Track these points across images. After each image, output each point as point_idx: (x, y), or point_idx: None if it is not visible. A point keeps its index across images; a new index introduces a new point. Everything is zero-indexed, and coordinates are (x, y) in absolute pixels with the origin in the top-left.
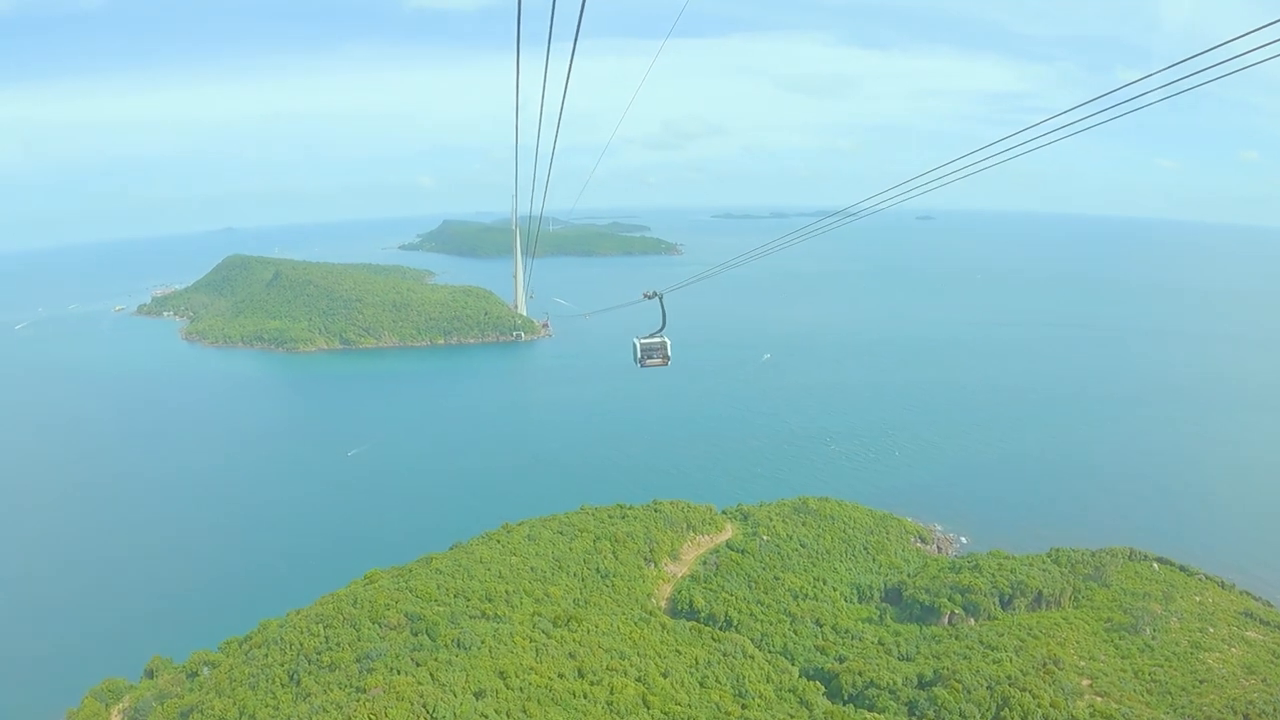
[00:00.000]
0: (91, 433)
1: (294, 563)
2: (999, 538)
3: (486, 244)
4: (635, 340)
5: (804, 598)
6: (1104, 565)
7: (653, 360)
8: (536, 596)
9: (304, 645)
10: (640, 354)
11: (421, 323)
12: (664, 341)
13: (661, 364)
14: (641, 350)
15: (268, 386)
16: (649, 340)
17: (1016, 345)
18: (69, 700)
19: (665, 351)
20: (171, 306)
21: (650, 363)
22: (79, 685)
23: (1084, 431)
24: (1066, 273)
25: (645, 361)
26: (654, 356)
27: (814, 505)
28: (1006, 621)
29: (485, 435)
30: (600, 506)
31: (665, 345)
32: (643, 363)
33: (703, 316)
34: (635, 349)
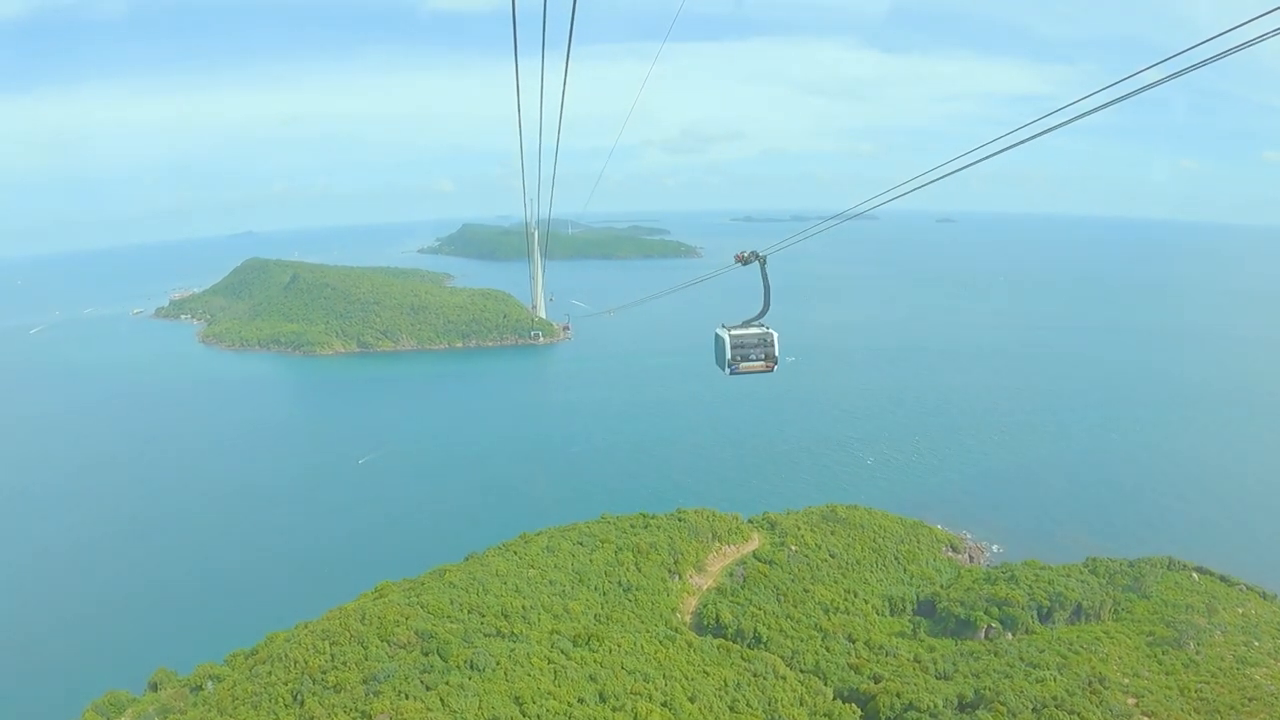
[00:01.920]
0: (101, 437)
1: (303, 573)
2: (1031, 546)
3: (506, 247)
4: (722, 331)
5: (835, 611)
6: (1143, 576)
7: (751, 363)
8: (555, 613)
9: (309, 663)
10: (730, 353)
11: (439, 326)
12: (767, 334)
13: (764, 368)
14: (732, 347)
15: (282, 390)
16: (744, 331)
17: (1042, 349)
18: (70, 713)
19: (770, 349)
20: (189, 309)
21: (747, 366)
22: (81, 697)
23: (1114, 436)
24: (1091, 275)
25: (739, 365)
26: (752, 357)
27: (843, 513)
28: (1046, 636)
29: (502, 440)
30: (622, 516)
31: (770, 340)
32: (734, 366)
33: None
34: (722, 345)
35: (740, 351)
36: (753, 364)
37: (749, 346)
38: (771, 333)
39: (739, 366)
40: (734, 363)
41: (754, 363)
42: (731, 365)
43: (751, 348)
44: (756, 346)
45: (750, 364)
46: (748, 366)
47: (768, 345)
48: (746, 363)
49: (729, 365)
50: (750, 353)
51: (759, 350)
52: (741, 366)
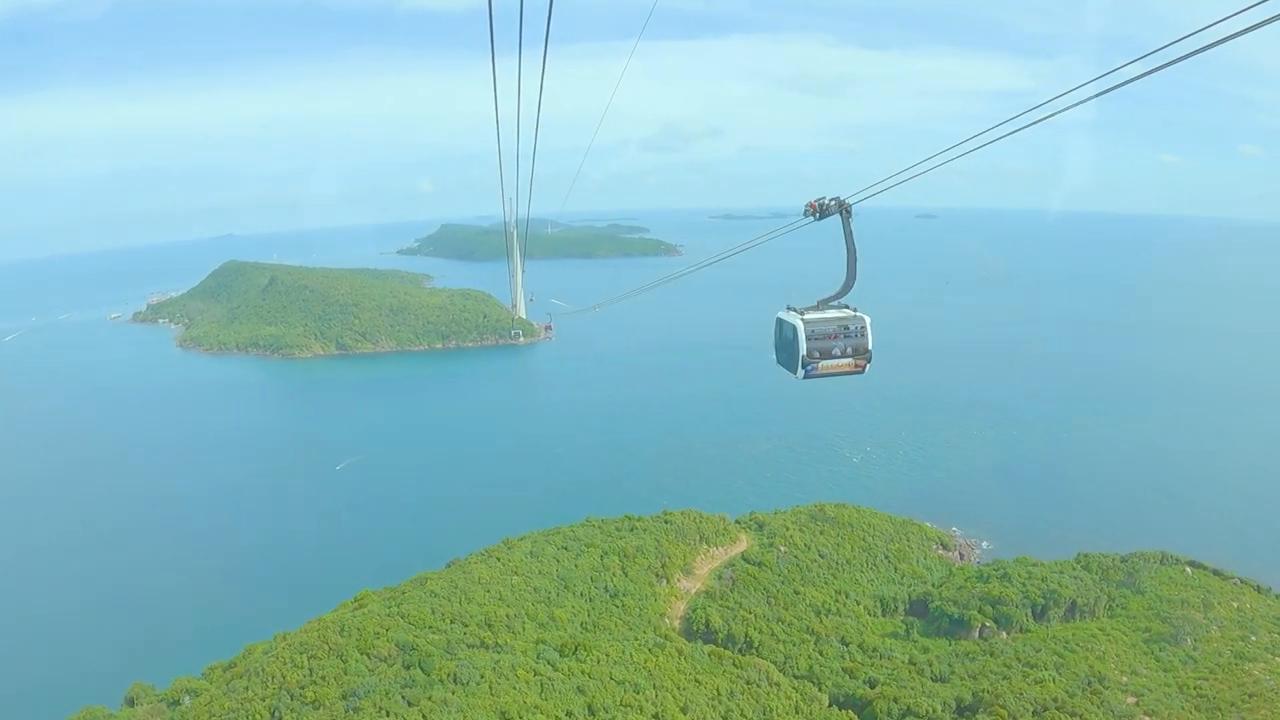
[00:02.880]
0: (75, 444)
1: (281, 582)
2: (1021, 542)
3: (485, 247)
4: (790, 316)
5: (827, 613)
6: (1136, 571)
7: (835, 361)
8: (540, 621)
9: (286, 678)
10: (805, 347)
11: (419, 327)
12: (856, 318)
13: (851, 368)
14: (809, 339)
15: (260, 394)
16: (822, 316)
17: (1024, 344)
18: None
19: (861, 340)
20: (167, 313)
21: (830, 367)
22: (57, 712)
23: (1101, 431)
24: (1071, 269)
25: (818, 364)
26: (835, 352)
27: (831, 512)
28: (1041, 634)
29: (484, 442)
30: (607, 518)
31: (861, 327)
32: (811, 366)
33: (707, 318)
34: (791, 337)
35: (818, 345)
36: (837, 362)
37: (830, 337)
38: (863, 317)
39: (818, 366)
40: (810, 361)
41: (838, 360)
42: (807, 365)
43: (834, 339)
44: (841, 336)
45: (834, 362)
46: (831, 367)
47: (857, 335)
48: (829, 360)
49: (803, 365)
50: (832, 346)
51: (845, 342)
52: (822, 367)
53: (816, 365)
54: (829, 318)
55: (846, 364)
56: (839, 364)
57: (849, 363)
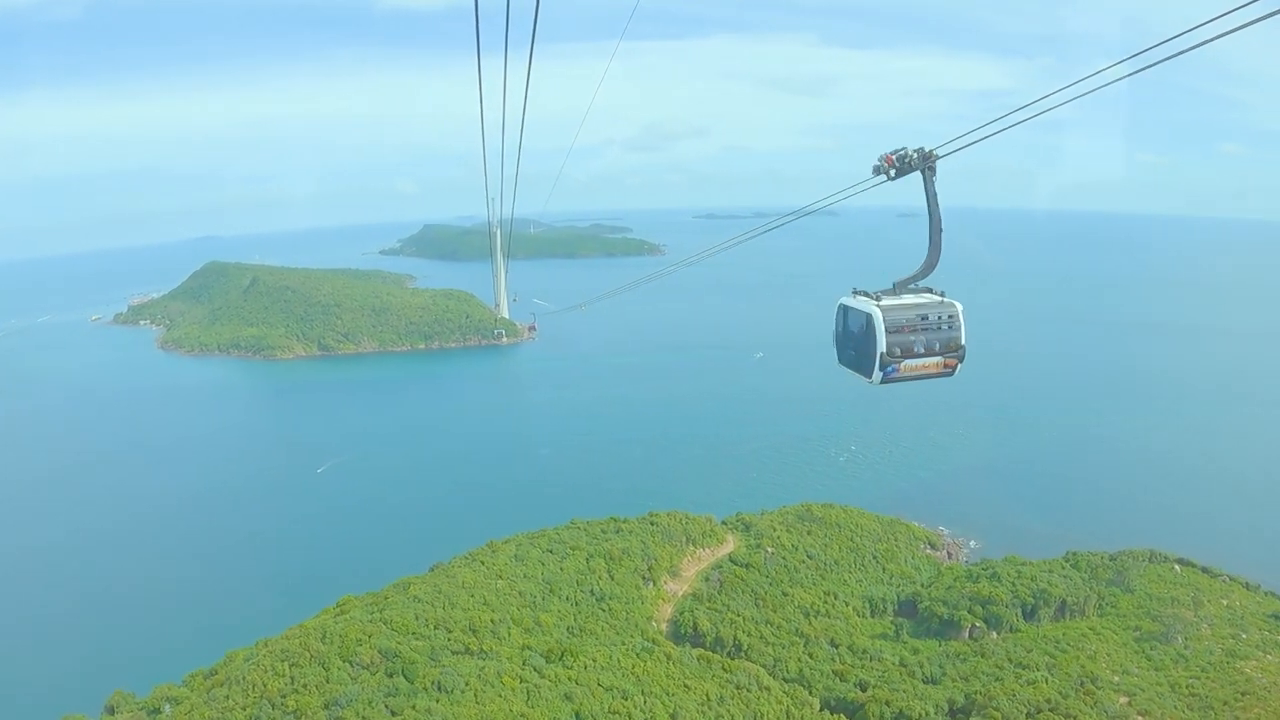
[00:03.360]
0: (51, 447)
1: (262, 587)
2: (1009, 541)
3: (468, 247)
4: (864, 304)
5: (816, 615)
6: (1126, 569)
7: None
8: (526, 626)
9: (268, 686)
10: (885, 342)
11: (401, 327)
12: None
13: (938, 369)
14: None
15: (241, 396)
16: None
17: (1006, 342)
18: None
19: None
20: (148, 315)
21: (913, 368)
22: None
23: (1086, 429)
24: (1051, 268)
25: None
26: (918, 348)
27: (818, 512)
28: (1031, 634)
29: (467, 444)
30: (592, 520)
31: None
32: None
33: (689, 317)
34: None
35: (900, 339)
36: (923, 361)
37: (914, 330)
38: (952, 303)
39: (899, 368)
40: (891, 361)
41: (924, 359)
42: (887, 366)
43: (918, 331)
44: (927, 330)
45: (919, 361)
46: (915, 368)
47: (946, 326)
48: (913, 359)
49: (880, 366)
50: (916, 340)
51: (931, 335)
52: (904, 368)
53: (898, 366)
54: (911, 304)
55: (934, 364)
56: (925, 364)
57: (936, 362)
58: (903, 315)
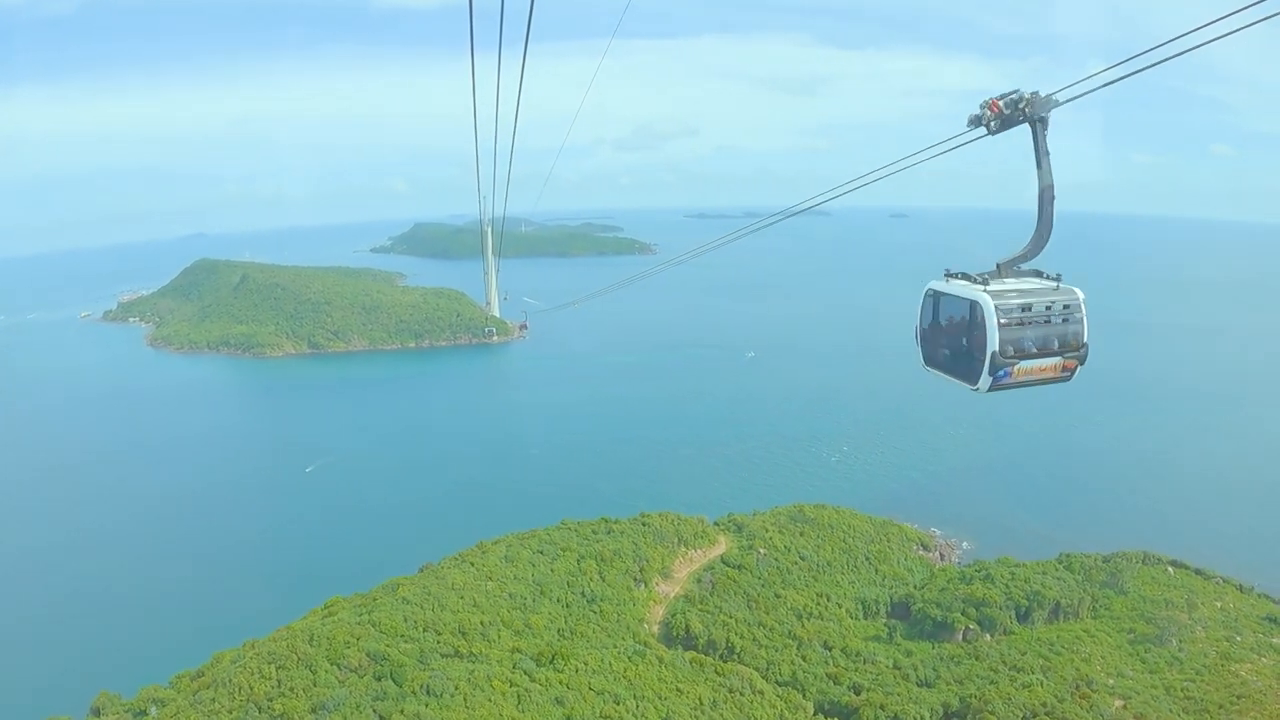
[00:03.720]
0: (38, 445)
1: (250, 587)
2: (1001, 542)
3: (459, 246)
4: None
5: (809, 617)
6: (1119, 571)
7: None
8: (516, 628)
9: (254, 689)
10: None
11: (392, 325)
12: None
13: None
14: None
15: (229, 394)
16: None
17: None
18: None
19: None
20: (137, 312)
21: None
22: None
23: (1077, 430)
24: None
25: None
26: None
27: (811, 513)
28: (1025, 636)
29: (457, 443)
30: (583, 521)
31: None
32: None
33: (681, 316)
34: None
35: (1015, 336)
36: (1040, 364)
37: (1030, 324)
38: (1071, 290)
39: (1012, 371)
40: (1004, 363)
41: (1041, 360)
42: (999, 370)
43: (1035, 326)
44: (1046, 323)
45: (1036, 364)
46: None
47: (1066, 320)
48: (1028, 361)
49: (990, 369)
50: (1031, 338)
51: (1050, 331)
52: (1018, 371)
53: (1011, 370)
54: (1025, 290)
55: (1051, 366)
56: (1042, 366)
57: (1055, 364)
58: (1017, 305)
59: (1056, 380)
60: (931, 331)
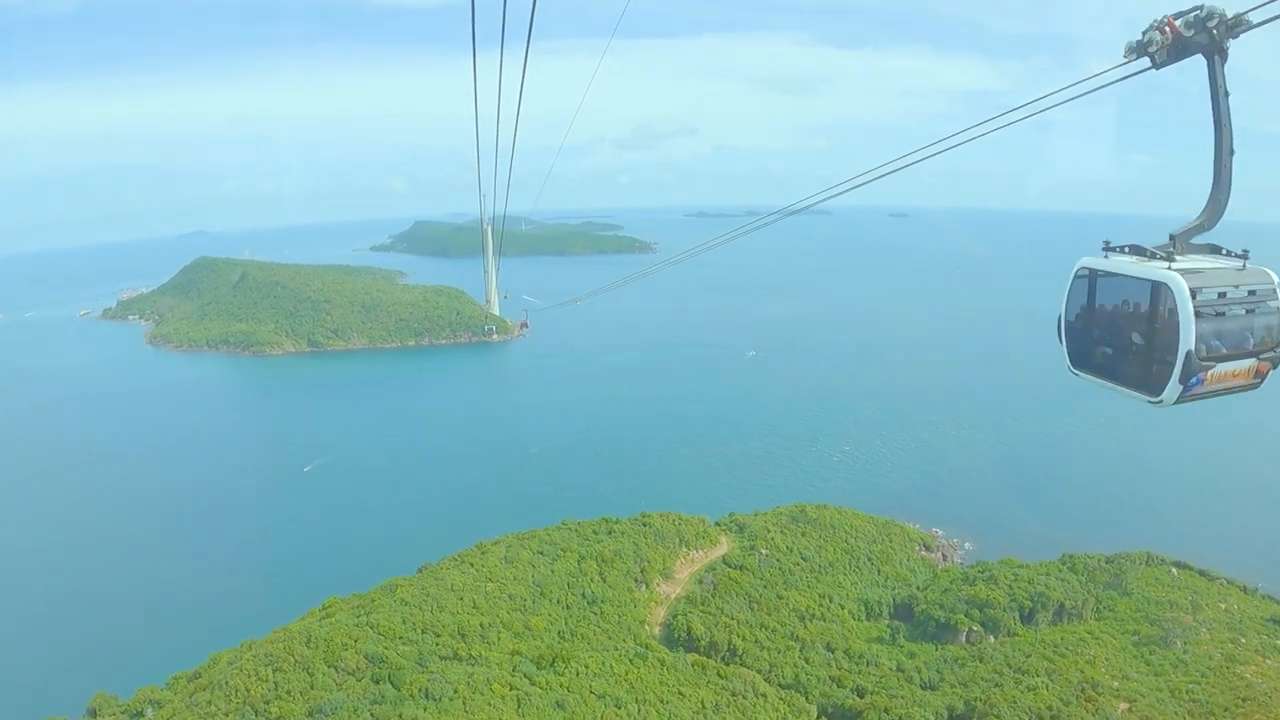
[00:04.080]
0: (33, 443)
1: (248, 588)
2: (1004, 542)
3: (459, 244)
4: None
5: (811, 618)
6: (1123, 572)
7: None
8: (516, 630)
9: (250, 692)
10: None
11: (391, 324)
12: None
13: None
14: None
15: (228, 392)
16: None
17: (999, 343)
18: None
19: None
20: (137, 310)
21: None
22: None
23: (1080, 429)
24: (1047, 266)
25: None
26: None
27: (812, 513)
28: (1029, 638)
29: (456, 442)
30: (584, 521)
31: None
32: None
33: (681, 315)
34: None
35: (1215, 332)
36: (1234, 367)
37: (1226, 315)
38: (1266, 273)
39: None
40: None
41: (1236, 363)
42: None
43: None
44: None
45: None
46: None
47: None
48: (1226, 364)
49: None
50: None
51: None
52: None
53: (1205, 375)
54: (1219, 269)
55: (1245, 370)
56: (1236, 371)
57: (1249, 367)
58: (1215, 289)
59: (1246, 388)
60: (1085, 323)
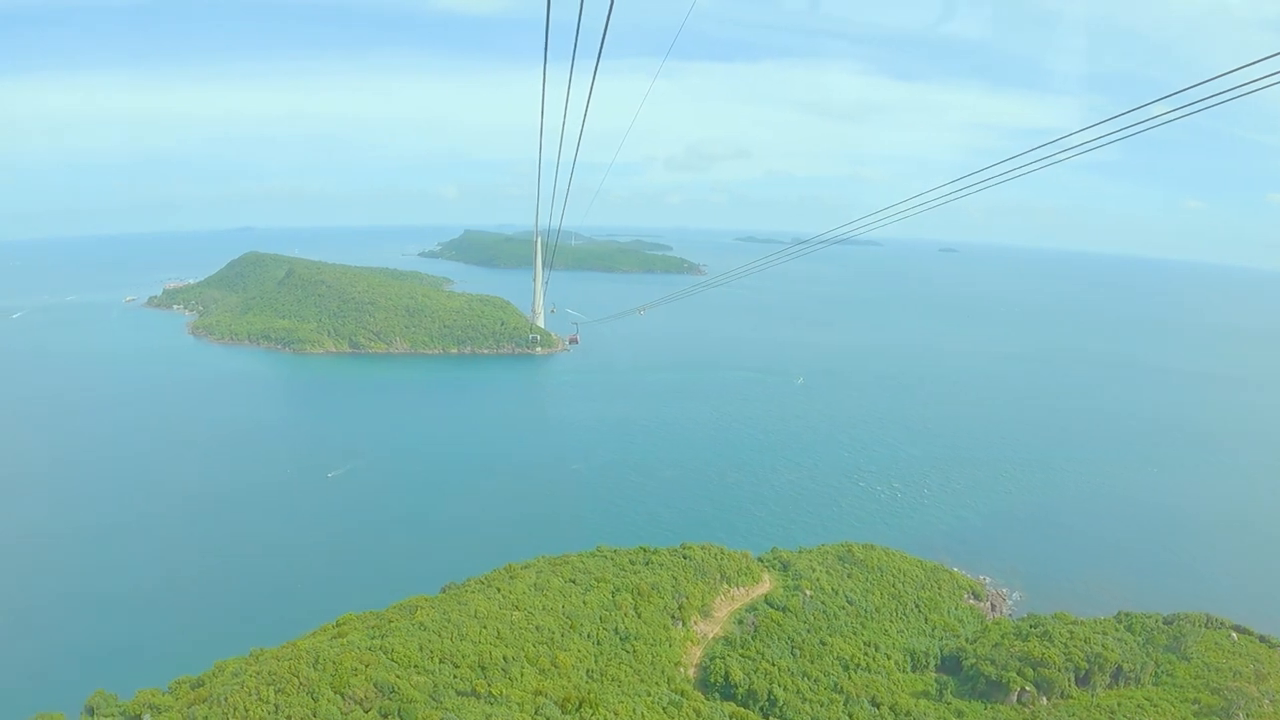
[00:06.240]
0: (58, 431)
1: (261, 593)
2: (1054, 594)
3: (507, 255)
4: None
5: (855, 668)
6: (1183, 635)
7: None
8: (542, 666)
9: (249, 712)
10: None
11: (435, 330)
12: None
13: None
14: None
15: (264, 389)
16: None
17: (1055, 383)
18: None
19: None
20: (181, 300)
21: None
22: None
23: (1132, 478)
24: (1097, 310)
25: None
26: None
27: (860, 554)
28: (1084, 702)
29: (491, 455)
30: (620, 549)
31: None
32: None
33: (729, 338)
34: None
35: None
36: None
37: None
38: None
39: None
40: None
41: None
42: None
43: None
44: None
45: None
46: None
47: None
48: None
49: None
50: None
51: None
52: None
53: None
54: None
55: None
56: None
57: None
58: None
59: None
60: None
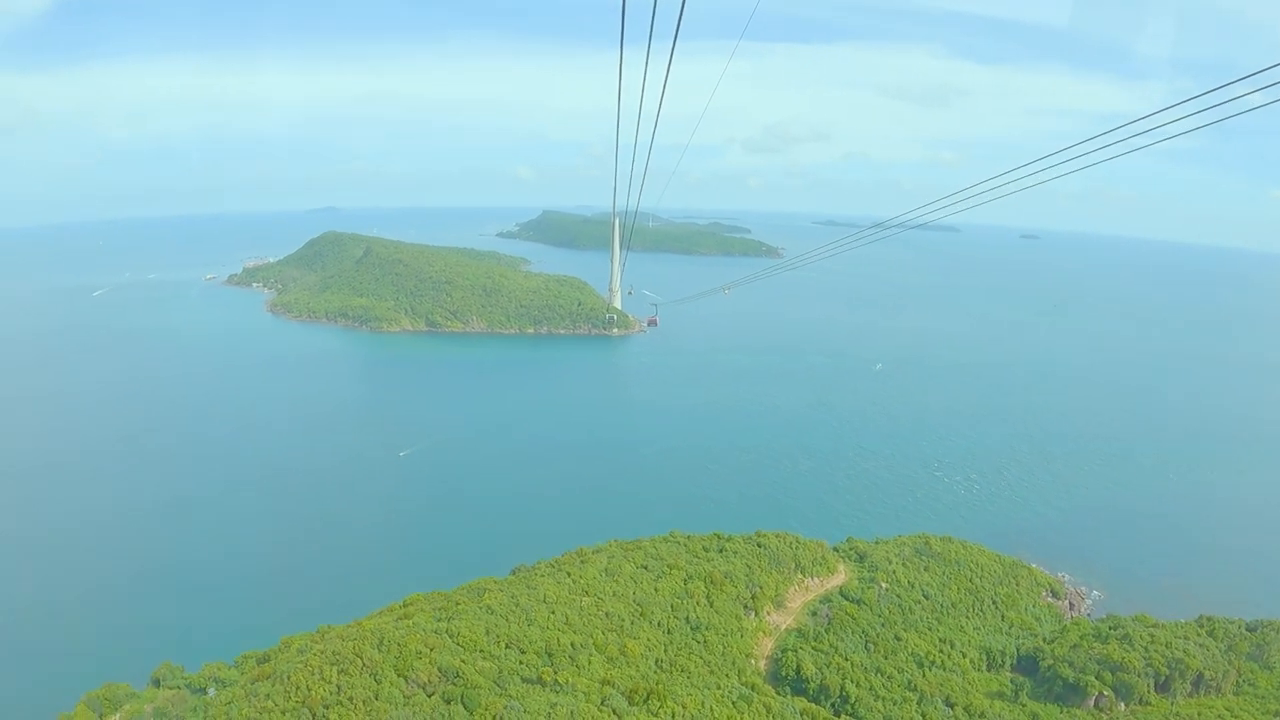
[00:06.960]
0: (137, 408)
1: (330, 571)
2: (1134, 595)
3: (585, 236)
4: None
5: (930, 665)
6: (1266, 643)
7: None
8: (610, 655)
9: (311, 692)
10: None
11: (511, 309)
12: None
13: None
14: None
15: (341, 366)
16: None
17: (1138, 377)
18: (65, 702)
19: None
20: (261, 278)
21: None
22: (81, 685)
23: (1218, 478)
24: (1188, 303)
25: None
26: None
27: (937, 546)
28: (1163, 710)
29: (565, 436)
30: (693, 535)
31: None
32: None
33: (807, 322)
34: None
35: None
36: None
37: None
38: None
39: None
40: None
41: None
42: None
43: None
44: None
45: None
46: None
47: None
48: None
49: None
50: None
51: None
52: None
53: None
54: None
55: None
56: None
57: None
58: None
59: None
60: None
